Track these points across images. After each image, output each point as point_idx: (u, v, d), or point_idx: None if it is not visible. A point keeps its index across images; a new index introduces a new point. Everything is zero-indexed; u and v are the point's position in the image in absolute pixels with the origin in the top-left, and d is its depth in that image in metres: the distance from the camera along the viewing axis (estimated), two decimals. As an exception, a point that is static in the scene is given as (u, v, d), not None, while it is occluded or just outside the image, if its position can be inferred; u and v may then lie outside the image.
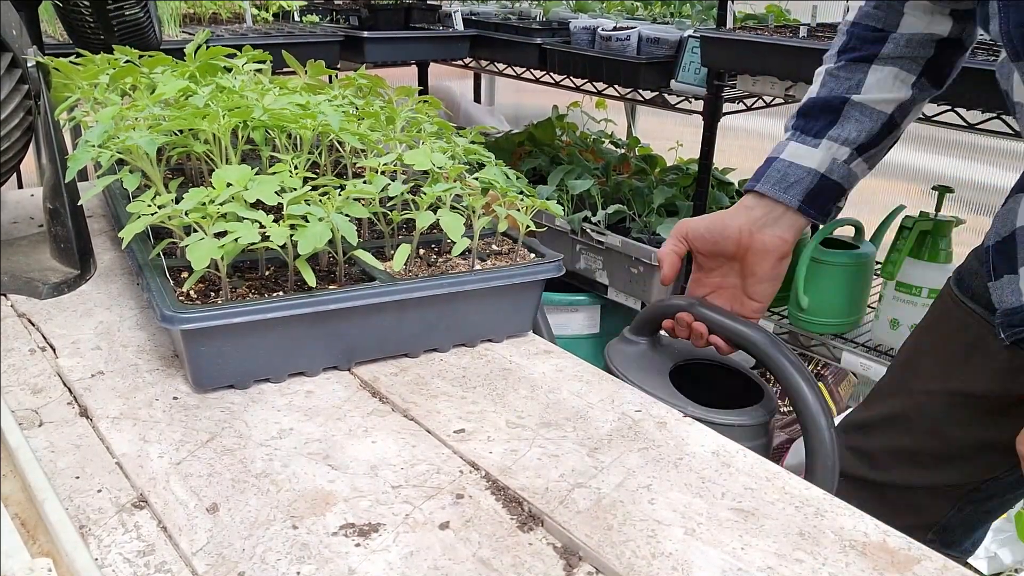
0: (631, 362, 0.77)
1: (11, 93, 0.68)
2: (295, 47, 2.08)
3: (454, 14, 2.46)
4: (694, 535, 0.48)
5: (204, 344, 0.59)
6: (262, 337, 0.60)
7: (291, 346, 0.62)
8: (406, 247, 0.65)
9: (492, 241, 0.76)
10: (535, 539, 0.48)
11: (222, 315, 0.58)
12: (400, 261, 0.64)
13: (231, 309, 0.58)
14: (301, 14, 2.57)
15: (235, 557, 0.45)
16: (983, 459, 0.89)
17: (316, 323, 0.62)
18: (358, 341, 0.65)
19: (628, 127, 2.78)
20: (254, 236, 0.57)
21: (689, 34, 1.84)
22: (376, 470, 0.53)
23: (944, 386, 0.89)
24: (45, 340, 0.68)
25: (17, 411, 0.58)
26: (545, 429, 0.58)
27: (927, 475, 0.92)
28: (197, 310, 0.57)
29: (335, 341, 0.64)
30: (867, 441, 0.96)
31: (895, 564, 0.46)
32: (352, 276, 0.66)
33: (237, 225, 0.58)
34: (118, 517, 0.48)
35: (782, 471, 0.55)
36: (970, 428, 0.88)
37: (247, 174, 0.61)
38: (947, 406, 0.90)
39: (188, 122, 0.66)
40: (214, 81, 0.76)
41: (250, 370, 0.62)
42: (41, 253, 0.82)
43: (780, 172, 0.87)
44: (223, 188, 0.60)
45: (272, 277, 0.66)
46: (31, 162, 0.81)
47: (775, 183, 0.86)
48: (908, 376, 0.95)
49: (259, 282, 0.65)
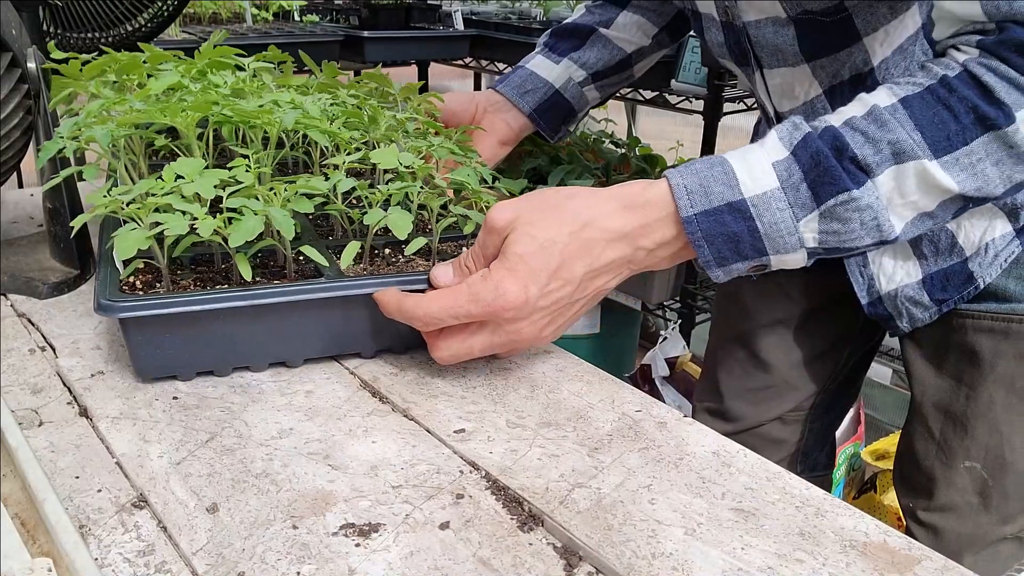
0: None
1: (11, 93, 0.68)
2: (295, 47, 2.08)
3: (454, 14, 2.46)
4: (694, 535, 0.48)
5: (141, 333, 0.60)
6: (202, 329, 0.61)
7: (233, 339, 0.62)
8: (355, 244, 0.65)
9: (465, 244, 0.74)
10: (535, 539, 0.48)
11: (155, 305, 0.58)
12: (348, 258, 0.63)
13: (164, 300, 0.58)
14: (301, 14, 2.58)
15: (235, 557, 0.45)
16: (805, 375, 1.00)
17: (258, 318, 0.62)
18: (303, 338, 0.64)
19: (628, 127, 2.78)
20: (183, 227, 0.57)
21: (690, 34, 1.84)
22: (376, 470, 0.53)
23: (749, 324, 1.01)
24: (45, 340, 0.68)
25: (17, 411, 0.58)
26: (545, 429, 0.58)
27: (770, 407, 1.03)
28: (131, 299, 0.58)
29: (278, 337, 0.63)
30: (714, 396, 1.07)
31: (895, 564, 0.46)
32: (304, 272, 0.66)
33: (168, 216, 0.58)
34: (118, 517, 0.48)
35: (783, 471, 0.55)
36: (782, 352, 1.00)
37: (198, 167, 0.61)
38: (759, 339, 1.01)
39: (147, 116, 0.66)
40: (207, 79, 0.76)
41: (191, 361, 0.62)
42: (41, 253, 0.82)
43: (521, 78, 0.98)
44: (171, 180, 0.60)
45: (224, 271, 0.66)
46: (31, 162, 0.81)
47: (515, 87, 0.98)
48: (722, 324, 1.08)
49: (210, 275, 0.65)
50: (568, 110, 1.00)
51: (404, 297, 0.61)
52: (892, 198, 0.58)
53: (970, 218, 0.76)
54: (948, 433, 0.83)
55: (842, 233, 0.59)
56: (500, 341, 0.61)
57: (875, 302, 0.83)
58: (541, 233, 0.59)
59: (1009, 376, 0.79)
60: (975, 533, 0.84)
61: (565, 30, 1.00)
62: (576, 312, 0.64)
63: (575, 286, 0.61)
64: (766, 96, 0.83)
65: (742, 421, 1.04)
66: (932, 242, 0.78)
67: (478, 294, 0.59)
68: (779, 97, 0.81)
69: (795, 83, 0.78)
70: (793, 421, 1.04)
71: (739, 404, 1.04)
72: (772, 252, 0.60)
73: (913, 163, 0.57)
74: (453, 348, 0.62)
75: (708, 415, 1.08)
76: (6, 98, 0.68)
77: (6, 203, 0.99)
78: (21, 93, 0.69)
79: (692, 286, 1.88)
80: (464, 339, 0.61)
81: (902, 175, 0.58)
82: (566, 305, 0.62)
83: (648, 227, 0.61)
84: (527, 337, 0.61)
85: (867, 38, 0.71)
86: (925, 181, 0.58)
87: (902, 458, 0.91)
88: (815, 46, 0.74)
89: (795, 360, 1.00)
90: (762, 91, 0.83)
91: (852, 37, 0.72)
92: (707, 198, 0.59)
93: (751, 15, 0.76)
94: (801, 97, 0.79)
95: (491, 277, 0.59)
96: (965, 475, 0.83)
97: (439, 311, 0.60)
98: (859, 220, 0.58)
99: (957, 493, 0.84)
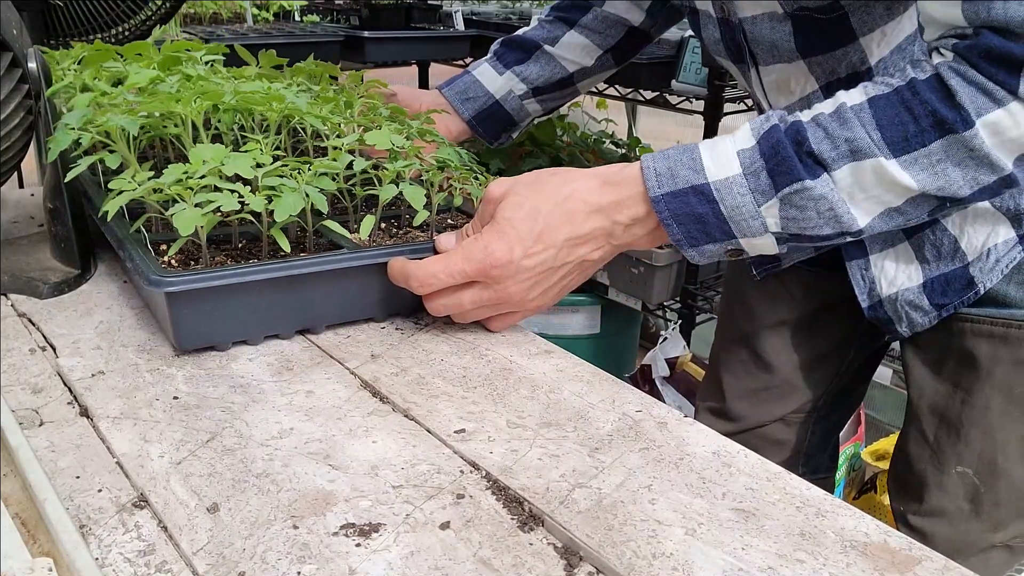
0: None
1: (11, 93, 0.68)
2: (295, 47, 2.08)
3: (454, 14, 2.46)
4: (695, 535, 0.48)
5: (187, 307, 0.63)
6: (240, 300, 0.65)
7: (267, 309, 0.67)
8: (371, 217, 0.71)
9: (448, 216, 0.81)
10: (536, 539, 0.48)
11: (205, 279, 0.62)
12: (366, 230, 0.70)
13: (213, 273, 0.62)
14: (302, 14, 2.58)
15: (235, 557, 0.45)
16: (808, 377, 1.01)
17: (289, 288, 0.67)
18: (327, 306, 0.70)
19: (629, 127, 2.78)
20: (234, 204, 0.62)
21: (690, 34, 1.84)
22: (377, 470, 0.53)
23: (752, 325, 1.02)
24: (45, 340, 0.68)
25: (17, 411, 0.58)
26: (546, 429, 0.58)
27: (773, 408, 1.03)
28: (181, 274, 0.62)
29: (306, 305, 0.68)
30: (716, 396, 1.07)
31: (896, 564, 0.46)
32: (320, 246, 0.71)
33: (217, 195, 0.62)
34: (118, 517, 0.48)
35: (783, 471, 0.55)
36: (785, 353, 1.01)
37: (222, 151, 0.65)
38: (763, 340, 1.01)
39: (164, 105, 0.70)
40: (180, 71, 0.80)
41: (229, 332, 0.67)
42: (41, 252, 0.82)
43: (465, 84, 1.02)
44: (200, 164, 0.64)
45: (246, 248, 0.71)
46: (31, 162, 0.81)
47: (458, 92, 1.02)
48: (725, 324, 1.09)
49: (234, 253, 0.70)
50: (507, 120, 1.04)
51: (407, 262, 0.68)
52: (853, 192, 0.61)
53: (973, 223, 0.76)
54: (942, 437, 0.83)
55: (800, 220, 0.62)
56: (488, 296, 0.67)
57: (875, 305, 0.83)
58: (527, 202, 0.65)
59: (1006, 382, 0.78)
60: (965, 540, 0.83)
61: (514, 41, 1.04)
62: (562, 279, 0.68)
63: (557, 249, 0.66)
64: (761, 93, 0.83)
65: (744, 421, 1.04)
66: (935, 246, 0.78)
67: (470, 253, 0.65)
68: (775, 93, 0.82)
69: (791, 79, 0.79)
70: (795, 423, 1.04)
71: (741, 404, 1.04)
72: (740, 235, 0.63)
73: (871, 161, 0.59)
74: (445, 299, 0.68)
75: (710, 415, 1.08)
76: (6, 98, 0.68)
77: (7, 203, 0.99)
78: (21, 93, 0.69)
79: (692, 286, 1.88)
80: (454, 292, 0.67)
81: (860, 171, 0.60)
82: (550, 269, 0.67)
83: (621, 203, 0.65)
84: (513, 295, 0.66)
85: (863, 38, 0.72)
86: (883, 178, 0.59)
87: (896, 461, 0.91)
88: (811, 43, 0.74)
89: (798, 361, 1.00)
90: (757, 88, 0.83)
91: (848, 36, 0.72)
92: (673, 180, 0.63)
93: (747, 11, 0.76)
94: (797, 92, 0.79)
95: (481, 238, 0.66)
96: (957, 480, 0.83)
97: (437, 269, 0.66)
98: (815, 209, 0.61)
99: (948, 498, 0.83)
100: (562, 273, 0.67)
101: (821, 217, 0.61)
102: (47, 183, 0.78)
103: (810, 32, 0.74)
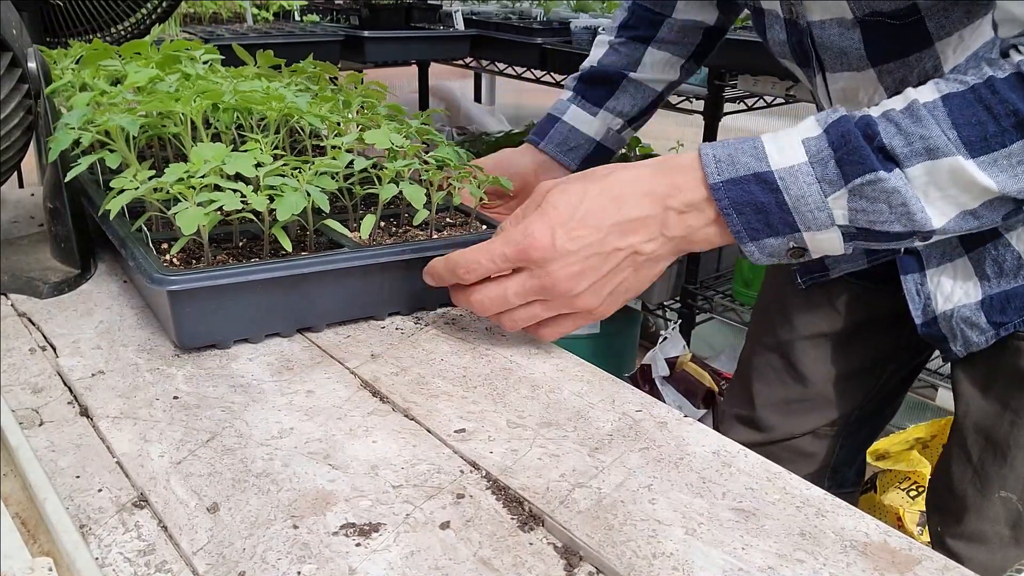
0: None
1: (11, 93, 0.68)
2: (295, 47, 2.08)
3: (454, 14, 2.46)
4: (695, 535, 0.48)
5: (189, 305, 0.63)
6: (242, 299, 0.65)
7: (268, 308, 0.67)
8: (371, 216, 0.71)
9: (446, 215, 0.81)
10: (536, 539, 0.48)
11: (207, 277, 0.62)
12: (367, 229, 0.70)
13: (216, 272, 0.63)
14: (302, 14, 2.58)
15: (235, 556, 0.45)
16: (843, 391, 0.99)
17: (291, 287, 0.67)
18: (329, 304, 0.70)
19: (629, 127, 2.77)
20: (236, 204, 0.62)
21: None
22: (376, 470, 0.53)
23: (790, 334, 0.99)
24: (45, 339, 0.68)
25: (17, 410, 0.58)
26: (546, 429, 0.58)
27: (804, 420, 1.01)
28: (184, 273, 0.62)
29: (308, 304, 0.69)
30: (745, 404, 1.05)
31: (896, 564, 0.46)
32: (320, 245, 0.72)
33: (219, 194, 0.62)
34: (118, 516, 0.48)
35: (783, 471, 0.55)
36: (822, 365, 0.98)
37: (223, 151, 0.65)
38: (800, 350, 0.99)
39: (163, 104, 0.70)
40: (179, 70, 0.81)
41: (231, 330, 0.67)
42: (41, 252, 0.82)
43: (562, 135, 0.99)
44: (201, 164, 0.64)
45: (247, 247, 0.71)
46: (31, 162, 0.81)
47: (557, 144, 0.99)
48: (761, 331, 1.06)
49: (235, 251, 0.70)
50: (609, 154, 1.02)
51: (449, 255, 0.66)
52: (928, 191, 0.58)
53: None
54: (987, 459, 0.80)
55: (870, 213, 0.58)
56: (533, 285, 0.63)
57: (929, 322, 0.80)
58: (573, 187, 0.63)
59: None
60: (1002, 567, 0.80)
61: (594, 77, 1.00)
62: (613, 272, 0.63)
63: (604, 233, 0.62)
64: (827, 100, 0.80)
65: (773, 432, 1.01)
66: (996, 262, 0.75)
67: (510, 236, 0.63)
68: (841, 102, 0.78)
69: (859, 88, 0.76)
70: (826, 436, 1.01)
71: (771, 414, 1.02)
72: (803, 228, 0.59)
73: (948, 160, 0.56)
74: (488, 290, 0.65)
75: (737, 422, 1.05)
76: (6, 98, 0.68)
77: (7, 202, 0.99)
78: (21, 93, 0.69)
79: (692, 286, 1.88)
80: (499, 283, 0.64)
81: (936, 170, 0.57)
82: (597, 255, 0.62)
83: (676, 187, 0.61)
84: (560, 281, 0.62)
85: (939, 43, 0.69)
86: (962, 179, 0.57)
87: (936, 480, 0.87)
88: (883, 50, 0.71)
89: (835, 375, 0.97)
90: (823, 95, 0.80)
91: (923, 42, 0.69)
92: (734, 167, 0.60)
93: (816, 15, 0.73)
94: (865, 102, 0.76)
95: (523, 222, 0.63)
96: (999, 505, 0.80)
97: (478, 255, 0.64)
98: (887, 202, 0.58)
99: (988, 523, 0.80)
100: (612, 264, 0.62)
101: (893, 212, 0.58)
102: (47, 183, 0.78)
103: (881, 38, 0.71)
